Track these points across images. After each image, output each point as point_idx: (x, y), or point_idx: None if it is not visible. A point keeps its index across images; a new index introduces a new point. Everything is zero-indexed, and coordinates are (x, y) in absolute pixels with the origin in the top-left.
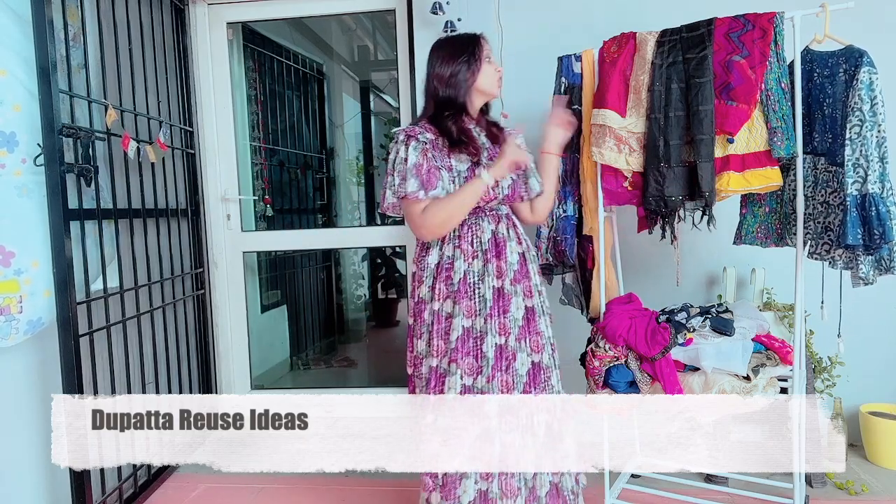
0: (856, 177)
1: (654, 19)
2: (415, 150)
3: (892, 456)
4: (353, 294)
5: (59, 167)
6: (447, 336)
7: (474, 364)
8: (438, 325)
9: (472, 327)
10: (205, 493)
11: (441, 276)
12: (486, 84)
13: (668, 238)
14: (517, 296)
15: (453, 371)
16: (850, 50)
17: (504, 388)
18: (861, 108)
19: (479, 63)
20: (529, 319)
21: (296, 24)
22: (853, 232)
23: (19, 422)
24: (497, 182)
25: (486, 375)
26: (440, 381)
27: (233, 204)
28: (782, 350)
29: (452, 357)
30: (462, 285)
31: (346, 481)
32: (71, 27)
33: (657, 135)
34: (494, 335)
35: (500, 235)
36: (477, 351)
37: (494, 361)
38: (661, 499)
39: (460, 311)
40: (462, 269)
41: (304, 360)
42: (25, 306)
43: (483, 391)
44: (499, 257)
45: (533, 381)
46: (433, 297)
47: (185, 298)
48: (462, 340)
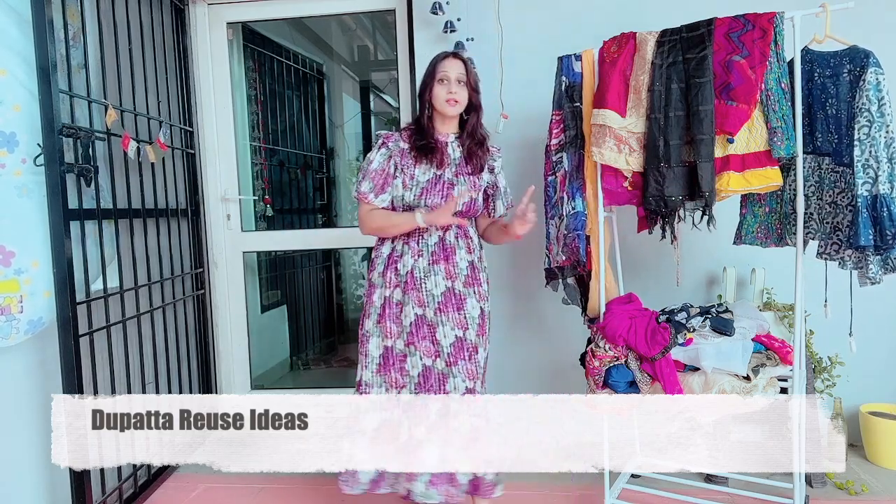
0: (866, 177)
1: (654, 19)
2: (381, 156)
3: (892, 456)
4: (353, 294)
5: (59, 167)
6: (398, 320)
7: (431, 348)
8: (389, 309)
9: (425, 316)
10: (205, 493)
11: (391, 265)
12: (437, 104)
13: (668, 238)
14: (471, 297)
15: (412, 353)
16: (855, 50)
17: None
18: (869, 109)
19: (432, 82)
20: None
21: (296, 24)
22: (865, 233)
23: (19, 422)
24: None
25: (445, 360)
26: (399, 360)
27: (233, 204)
28: (782, 350)
29: (409, 340)
30: (409, 278)
31: None
32: (71, 27)
33: (657, 135)
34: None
35: (448, 242)
36: (432, 337)
37: (453, 350)
38: (661, 499)
39: (410, 301)
40: (409, 263)
41: (304, 360)
42: (26, 306)
43: (444, 373)
44: (447, 261)
45: (460, 353)
46: (384, 283)
47: (185, 298)
48: (416, 326)
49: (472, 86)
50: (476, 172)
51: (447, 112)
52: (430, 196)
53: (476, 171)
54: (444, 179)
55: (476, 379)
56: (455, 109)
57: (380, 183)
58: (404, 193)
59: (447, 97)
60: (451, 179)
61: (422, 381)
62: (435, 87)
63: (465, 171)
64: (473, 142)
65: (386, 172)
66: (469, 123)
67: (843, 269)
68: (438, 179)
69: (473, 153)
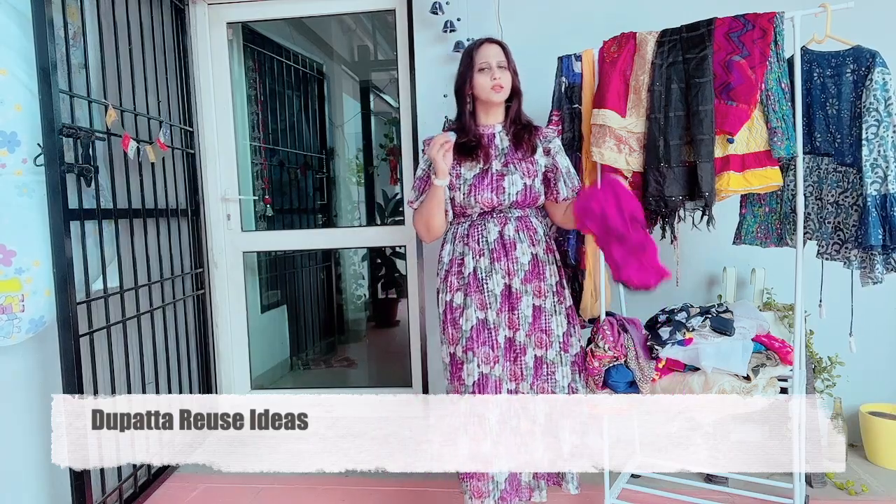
0: (874, 177)
1: (654, 19)
2: (424, 163)
3: (892, 456)
4: (353, 294)
5: (59, 167)
6: (457, 324)
7: (490, 353)
8: (451, 314)
9: (486, 319)
10: (205, 493)
11: (453, 269)
12: (480, 92)
13: (668, 238)
14: (527, 294)
15: (470, 359)
16: (860, 50)
17: (512, 377)
18: (877, 109)
19: (471, 73)
20: (536, 318)
21: (296, 24)
22: (875, 232)
23: (19, 422)
24: (503, 188)
25: (502, 364)
26: (458, 368)
27: (233, 204)
28: (782, 350)
29: (468, 346)
30: (472, 279)
31: (346, 481)
32: (71, 26)
33: (657, 135)
34: (504, 328)
35: (508, 237)
36: (493, 341)
37: (504, 352)
38: (661, 499)
39: (472, 303)
40: (471, 264)
41: (304, 360)
42: (27, 305)
43: (500, 379)
44: (507, 257)
45: (536, 373)
46: (446, 288)
47: (185, 298)
48: (477, 331)
49: (514, 70)
50: (528, 158)
51: (494, 99)
52: (479, 191)
53: (528, 157)
54: (492, 172)
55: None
56: (502, 95)
57: (424, 187)
58: (454, 195)
59: (492, 84)
60: (500, 171)
61: (477, 390)
62: (476, 77)
63: (515, 159)
64: (520, 127)
65: (430, 179)
66: (512, 110)
67: (846, 269)
68: (486, 173)
69: (521, 138)
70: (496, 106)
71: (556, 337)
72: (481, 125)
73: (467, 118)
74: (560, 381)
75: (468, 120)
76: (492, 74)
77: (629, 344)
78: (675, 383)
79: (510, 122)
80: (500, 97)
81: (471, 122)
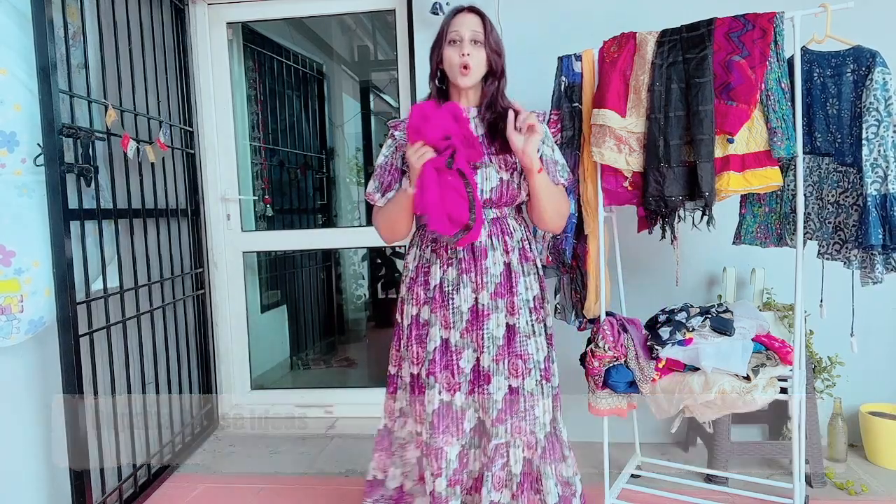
0: (875, 177)
1: (654, 19)
2: (387, 148)
3: (892, 456)
4: (353, 294)
5: (59, 167)
6: (423, 344)
7: (451, 380)
8: (417, 330)
9: (449, 340)
10: (205, 493)
11: (419, 279)
12: (448, 69)
13: (668, 238)
14: (497, 311)
15: (432, 384)
16: (860, 50)
17: (482, 409)
18: (877, 108)
19: (441, 45)
20: (510, 339)
21: (296, 24)
22: (875, 232)
23: (19, 422)
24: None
25: (465, 391)
26: (420, 392)
27: (233, 204)
28: (782, 350)
29: (430, 369)
30: (438, 294)
31: (346, 481)
32: (71, 26)
33: (657, 135)
34: (473, 350)
35: (479, 243)
36: (453, 366)
37: (472, 376)
38: (661, 499)
39: (437, 321)
40: (438, 275)
41: (304, 360)
42: (27, 305)
43: (463, 409)
44: (476, 268)
45: (509, 408)
46: (412, 299)
47: (185, 298)
48: (440, 352)
49: (492, 47)
50: (506, 150)
51: (459, 83)
52: None
53: (505, 149)
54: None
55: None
56: (467, 79)
57: (386, 180)
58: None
59: (459, 61)
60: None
61: (436, 420)
62: (445, 49)
63: (491, 151)
64: (493, 114)
65: (393, 167)
66: (487, 91)
67: (846, 269)
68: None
69: (498, 127)
70: (467, 89)
71: (534, 363)
72: None
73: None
74: (540, 417)
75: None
76: (461, 50)
77: (629, 344)
78: (675, 383)
79: (484, 107)
80: (466, 81)
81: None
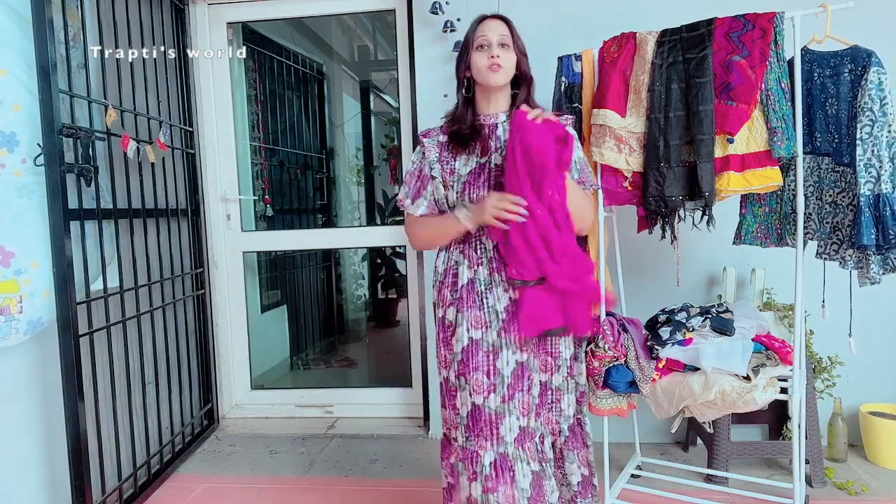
0: (868, 177)
1: (654, 19)
2: (416, 156)
3: (892, 456)
4: (353, 294)
5: (59, 167)
6: (449, 345)
7: (484, 381)
8: (443, 333)
9: (483, 340)
10: (205, 493)
11: (447, 281)
12: (476, 73)
13: (668, 238)
14: None
15: (463, 386)
16: (857, 50)
17: (524, 409)
18: (871, 108)
19: (468, 52)
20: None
21: (296, 24)
22: (867, 232)
23: (19, 422)
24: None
25: (502, 395)
26: (452, 396)
27: (233, 204)
28: (782, 350)
29: (460, 370)
30: (466, 294)
31: (346, 481)
32: (71, 27)
33: (657, 135)
34: (513, 350)
35: None
36: (489, 367)
37: (512, 380)
38: (661, 499)
39: (464, 321)
40: (466, 275)
41: (304, 360)
42: (25, 306)
43: (498, 413)
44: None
45: (541, 401)
46: (440, 302)
47: (185, 298)
48: (469, 353)
49: (521, 49)
50: None
51: (490, 81)
52: (475, 190)
53: None
54: (490, 167)
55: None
56: (500, 76)
57: (416, 187)
58: (447, 194)
59: (489, 63)
60: (500, 165)
61: (470, 423)
62: (473, 55)
63: None
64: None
65: (422, 174)
66: (520, 98)
67: (843, 269)
68: (483, 168)
69: None
70: (497, 91)
71: (563, 360)
72: (482, 115)
73: (461, 106)
74: (566, 409)
75: (462, 109)
76: (490, 52)
77: (629, 344)
78: (675, 383)
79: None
80: (498, 78)
81: (466, 112)
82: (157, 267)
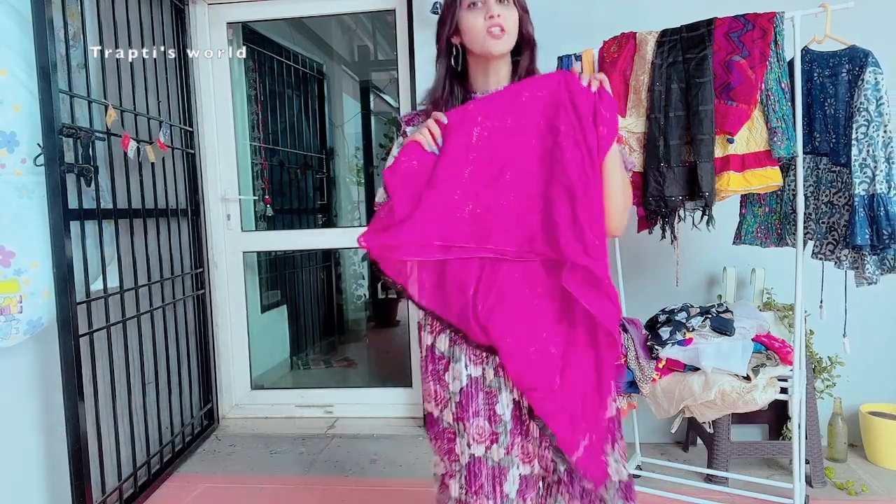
0: (863, 177)
1: (654, 19)
2: (397, 148)
3: (892, 456)
4: (353, 294)
5: (59, 167)
6: (443, 382)
7: (486, 428)
8: (433, 364)
9: (483, 378)
10: (205, 493)
11: None
12: (470, 40)
13: (668, 238)
14: None
15: (461, 432)
16: (855, 50)
17: (525, 457)
18: (867, 108)
19: (455, 15)
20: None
21: (296, 24)
22: (861, 232)
23: (19, 422)
24: None
25: (505, 445)
26: (447, 440)
27: (233, 204)
28: (782, 350)
29: (459, 415)
30: None
31: (346, 481)
32: (71, 27)
33: (657, 135)
34: (510, 390)
35: None
36: (490, 411)
37: (513, 425)
38: (661, 499)
39: (462, 355)
40: None
41: (304, 360)
42: (25, 306)
43: (502, 465)
44: None
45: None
46: (427, 324)
47: (185, 298)
48: (469, 395)
49: (523, 5)
50: None
51: (492, 49)
52: None
53: None
54: None
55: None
56: (504, 42)
57: None
58: None
59: (488, 24)
60: None
61: (470, 477)
62: (463, 15)
63: None
64: None
65: None
66: (521, 66)
67: (839, 269)
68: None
69: None
70: (497, 60)
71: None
72: (479, 91)
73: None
74: None
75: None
76: (487, 11)
77: (629, 344)
78: (675, 383)
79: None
80: (500, 45)
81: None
82: (156, 267)
